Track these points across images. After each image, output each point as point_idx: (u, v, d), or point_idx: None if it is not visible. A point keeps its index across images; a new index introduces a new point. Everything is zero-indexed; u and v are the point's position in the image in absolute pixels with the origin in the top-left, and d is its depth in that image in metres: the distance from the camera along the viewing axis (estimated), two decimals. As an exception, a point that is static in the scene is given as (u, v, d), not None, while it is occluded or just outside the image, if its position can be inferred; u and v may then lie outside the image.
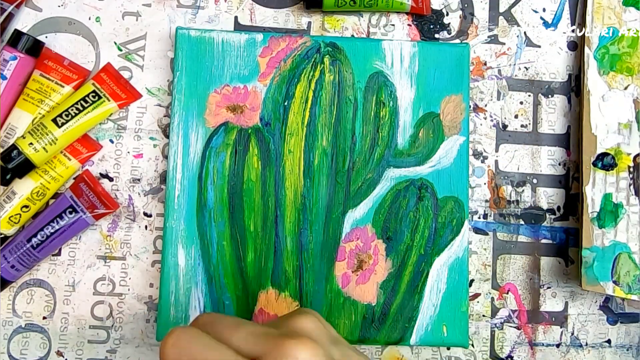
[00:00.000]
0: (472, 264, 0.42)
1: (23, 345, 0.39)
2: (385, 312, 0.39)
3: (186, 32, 0.40)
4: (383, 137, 0.40)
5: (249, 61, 0.40)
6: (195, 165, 0.39)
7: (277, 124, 0.40)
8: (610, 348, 0.42)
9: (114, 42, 0.41)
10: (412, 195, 0.40)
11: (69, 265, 0.40)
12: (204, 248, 0.39)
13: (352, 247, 0.40)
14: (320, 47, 0.40)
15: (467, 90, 0.41)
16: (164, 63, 0.41)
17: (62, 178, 0.39)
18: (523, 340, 0.42)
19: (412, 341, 0.39)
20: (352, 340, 0.39)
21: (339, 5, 0.41)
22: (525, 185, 0.42)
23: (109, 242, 0.40)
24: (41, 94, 0.38)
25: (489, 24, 0.43)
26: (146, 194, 0.40)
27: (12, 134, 0.38)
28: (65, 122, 0.38)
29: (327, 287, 0.39)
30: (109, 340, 0.40)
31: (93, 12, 0.41)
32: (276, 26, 0.42)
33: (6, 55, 0.38)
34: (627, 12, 0.43)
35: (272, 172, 0.40)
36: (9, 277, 0.38)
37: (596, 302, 0.42)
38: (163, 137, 0.41)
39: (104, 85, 0.39)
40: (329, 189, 0.40)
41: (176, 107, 0.39)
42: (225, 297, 0.38)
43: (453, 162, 0.40)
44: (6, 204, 0.38)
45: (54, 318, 0.39)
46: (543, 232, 0.42)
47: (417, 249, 0.40)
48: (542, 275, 0.42)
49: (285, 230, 0.39)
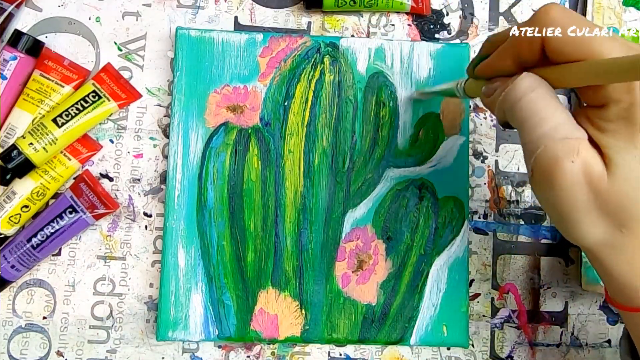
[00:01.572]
0: (472, 264, 0.42)
1: (23, 345, 0.39)
2: (385, 312, 0.39)
3: (186, 32, 0.40)
4: (383, 137, 0.40)
5: (249, 61, 0.40)
6: (195, 165, 0.39)
7: (277, 124, 0.40)
8: (610, 348, 0.42)
9: (114, 42, 0.41)
10: (412, 195, 0.40)
11: (69, 265, 0.40)
12: (204, 248, 0.39)
13: (352, 247, 0.40)
14: (320, 47, 0.40)
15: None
16: (164, 63, 0.41)
17: (62, 178, 0.39)
18: (523, 340, 0.42)
19: (412, 341, 0.39)
20: (352, 340, 0.39)
21: (339, 5, 0.41)
22: (525, 185, 0.42)
23: (109, 242, 0.40)
24: (41, 94, 0.38)
25: (489, 24, 0.43)
26: (146, 194, 0.40)
27: (12, 134, 0.38)
28: (65, 122, 0.38)
29: (327, 287, 0.39)
30: (109, 340, 0.40)
31: (93, 12, 0.41)
32: (276, 26, 0.42)
33: (6, 55, 0.38)
34: (627, 12, 0.43)
35: (272, 172, 0.40)
36: (9, 277, 0.38)
37: (596, 302, 0.42)
38: (163, 137, 0.41)
39: (104, 85, 0.39)
40: (329, 189, 0.40)
41: (176, 107, 0.39)
42: (225, 297, 0.38)
43: (453, 162, 0.40)
44: (6, 204, 0.38)
45: (54, 318, 0.39)
46: (543, 232, 0.42)
47: (417, 249, 0.40)
48: (542, 275, 0.42)
49: (285, 230, 0.39)
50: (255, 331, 0.38)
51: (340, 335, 0.39)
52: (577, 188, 0.24)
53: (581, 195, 0.24)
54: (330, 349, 0.41)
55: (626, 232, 0.24)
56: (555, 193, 0.24)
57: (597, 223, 0.25)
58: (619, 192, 0.24)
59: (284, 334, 0.39)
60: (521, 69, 0.26)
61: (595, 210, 0.24)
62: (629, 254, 0.25)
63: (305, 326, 0.39)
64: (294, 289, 0.39)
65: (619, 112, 0.24)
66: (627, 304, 0.27)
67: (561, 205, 0.25)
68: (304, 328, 0.39)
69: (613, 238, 0.25)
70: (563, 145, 0.24)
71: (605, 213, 0.24)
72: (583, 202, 0.24)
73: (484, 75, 0.29)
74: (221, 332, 0.38)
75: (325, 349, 0.40)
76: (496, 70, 0.28)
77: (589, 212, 0.24)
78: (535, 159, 0.25)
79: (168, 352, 0.40)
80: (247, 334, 0.38)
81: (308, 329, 0.39)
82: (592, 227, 0.25)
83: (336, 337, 0.39)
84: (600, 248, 0.25)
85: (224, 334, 0.38)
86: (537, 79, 0.25)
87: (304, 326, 0.39)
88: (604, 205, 0.24)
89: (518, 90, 0.25)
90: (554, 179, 0.24)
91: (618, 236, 0.25)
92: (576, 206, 0.24)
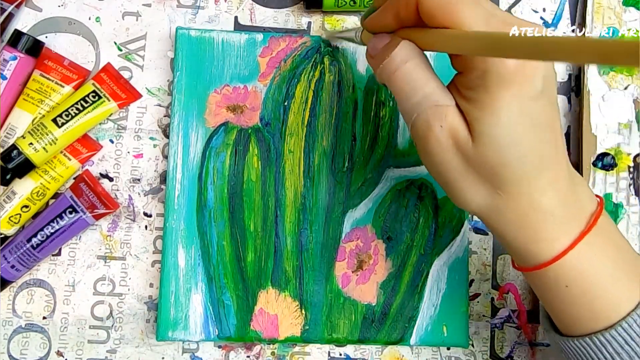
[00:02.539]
0: (472, 264, 0.42)
1: (23, 345, 0.39)
2: (385, 312, 0.39)
3: (186, 32, 0.40)
4: (383, 137, 0.40)
5: (249, 61, 0.40)
6: (195, 165, 0.39)
7: (277, 124, 0.40)
8: (610, 348, 0.42)
9: (114, 42, 0.41)
10: (412, 195, 0.40)
11: (69, 265, 0.40)
12: (204, 248, 0.39)
13: (352, 247, 0.40)
14: (320, 47, 0.40)
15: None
16: (164, 63, 0.41)
17: (62, 178, 0.39)
18: (523, 340, 0.42)
19: (412, 341, 0.39)
20: (352, 340, 0.39)
21: (339, 5, 0.41)
22: (525, 185, 0.42)
23: (109, 242, 0.40)
24: (41, 94, 0.38)
25: (489, 24, 0.43)
26: (146, 194, 0.40)
27: (12, 134, 0.38)
28: (65, 122, 0.38)
29: (327, 287, 0.39)
30: (109, 340, 0.40)
31: (93, 12, 0.41)
32: (276, 26, 0.42)
33: (6, 55, 0.38)
34: (627, 12, 0.43)
35: (272, 172, 0.40)
36: (9, 277, 0.38)
37: (596, 302, 0.42)
38: (163, 137, 0.41)
39: (104, 85, 0.39)
40: (329, 189, 0.40)
41: (176, 107, 0.39)
42: (225, 297, 0.38)
43: (453, 162, 0.40)
44: (6, 204, 0.38)
45: (54, 318, 0.39)
46: (543, 232, 0.42)
47: (417, 249, 0.40)
48: (542, 275, 0.42)
49: (285, 230, 0.39)
50: (255, 331, 0.38)
51: (340, 335, 0.39)
52: (449, 153, 0.25)
53: (454, 159, 0.25)
54: (330, 349, 0.41)
55: (503, 195, 0.26)
56: (431, 159, 0.26)
57: (477, 188, 0.26)
58: (485, 157, 0.25)
59: (284, 334, 0.39)
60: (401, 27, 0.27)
61: (471, 175, 0.26)
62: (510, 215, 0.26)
63: (305, 326, 0.39)
64: (294, 289, 0.39)
65: (476, 80, 0.24)
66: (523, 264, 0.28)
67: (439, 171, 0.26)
68: (304, 328, 0.39)
69: (493, 201, 0.26)
70: (433, 111, 0.25)
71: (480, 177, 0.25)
72: (457, 167, 0.26)
73: (371, 29, 0.29)
74: (221, 332, 0.38)
75: (325, 349, 0.40)
76: (380, 25, 0.28)
77: (465, 176, 0.26)
78: (412, 126, 0.26)
79: (168, 352, 0.40)
80: (247, 334, 0.38)
81: (308, 329, 0.39)
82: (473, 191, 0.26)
83: (336, 337, 0.39)
84: (485, 212, 0.27)
85: (224, 334, 0.38)
86: (412, 50, 0.26)
87: (304, 326, 0.39)
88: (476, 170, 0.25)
89: (394, 61, 0.26)
90: (427, 145, 0.26)
91: (497, 199, 0.26)
92: (452, 170, 0.26)
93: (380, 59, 0.27)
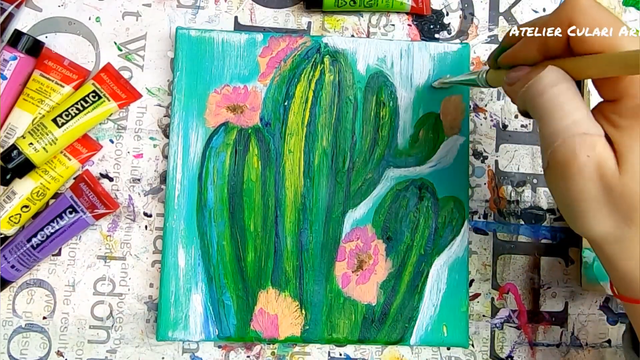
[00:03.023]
0: (472, 264, 0.42)
1: (23, 345, 0.39)
2: (385, 312, 0.39)
3: (186, 32, 0.40)
4: (383, 137, 0.40)
5: (249, 61, 0.40)
6: (195, 165, 0.39)
7: (277, 124, 0.40)
8: (610, 348, 0.42)
9: (114, 42, 0.41)
10: (412, 195, 0.40)
11: (69, 265, 0.40)
12: (204, 248, 0.39)
13: (352, 247, 0.40)
14: (320, 47, 0.40)
15: (467, 90, 0.41)
16: (164, 63, 0.41)
17: (62, 178, 0.39)
18: (523, 340, 0.42)
19: (412, 341, 0.39)
20: (352, 340, 0.39)
21: (339, 5, 0.41)
22: (525, 185, 0.42)
23: (109, 242, 0.40)
24: (41, 94, 0.38)
25: (489, 24, 0.43)
26: (146, 194, 0.40)
27: (12, 134, 0.38)
28: (65, 122, 0.38)
29: (327, 287, 0.39)
30: (109, 340, 0.40)
31: (93, 12, 0.41)
32: (276, 26, 0.42)
33: (6, 55, 0.38)
34: (627, 12, 0.43)
35: (272, 172, 0.40)
36: (9, 277, 0.38)
37: (596, 302, 0.42)
38: (163, 137, 0.41)
39: (104, 85, 0.39)
40: (329, 189, 0.40)
41: (176, 107, 0.39)
42: (225, 297, 0.38)
43: (453, 162, 0.40)
44: (6, 204, 0.38)
45: (54, 318, 0.39)
46: (543, 232, 0.42)
47: (417, 249, 0.40)
48: (542, 275, 0.42)
49: (285, 230, 0.39)
50: (255, 331, 0.38)
51: (340, 335, 0.39)
52: (590, 182, 0.25)
53: (593, 189, 0.25)
54: (330, 349, 0.41)
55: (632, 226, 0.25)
56: (568, 185, 0.25)
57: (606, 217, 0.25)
58: (628, 188, 0.24)
59: (284, 334, 0.39)
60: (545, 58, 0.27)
61: (606, 205, 0.25)
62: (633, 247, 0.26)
63: (305, 326, 0.39)
64: (294, 289, 0.39)
65: (632, 108, 0.24)
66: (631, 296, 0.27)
67: (573, 198, 0.26)
68: (304, 328, 0.39)
69: (619, 232, 0.26)
70: (581, 140, 0.25)
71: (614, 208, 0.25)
72: (594, 196, 0.25)
73: (507, 64, 0.30)
74: (221, 332, 0.38)
75: (325, 349, 0.40)
76: (520, 59, 0.28)
77: (598, 205, 0.25)
78: (553, 151, 0.26)
79: (168, 352, 0.40)
80: (247, 334, 0.38)
81: (308, 329, 0.39)
82: (601, 220, 0.26)
83: (336, 337, 0.39)
84: (607, 241, 0.26)
85: (224, 334, 0.38)
86: (560, 74, 0.26)
87: (304, 326, 0.39)
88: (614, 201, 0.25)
89: (541, 83, 0.26)
90: (569, 172, 0.25)
91: (624, 230, 0.25)
92: (587, 199, 0.25)
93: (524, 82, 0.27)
